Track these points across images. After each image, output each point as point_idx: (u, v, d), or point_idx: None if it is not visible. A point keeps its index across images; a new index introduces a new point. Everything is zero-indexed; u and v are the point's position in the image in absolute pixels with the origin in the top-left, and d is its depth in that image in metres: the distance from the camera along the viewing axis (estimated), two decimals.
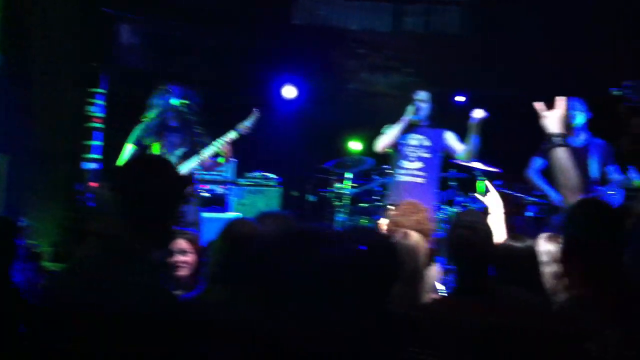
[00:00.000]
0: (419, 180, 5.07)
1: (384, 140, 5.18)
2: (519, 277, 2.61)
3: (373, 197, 6.70)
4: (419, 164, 5.10)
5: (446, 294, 3.23)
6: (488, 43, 7.31)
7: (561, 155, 2.46)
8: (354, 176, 6.87)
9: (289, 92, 7.98)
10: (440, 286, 5.28)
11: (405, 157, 5.12)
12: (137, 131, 4.81)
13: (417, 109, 5.13)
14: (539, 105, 2.66)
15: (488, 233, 2.48)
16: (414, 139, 5.15)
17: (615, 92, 4.12)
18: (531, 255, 2.66)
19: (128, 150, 4.76)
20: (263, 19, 7.18)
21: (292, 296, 1.51)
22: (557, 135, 2.52)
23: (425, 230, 2.92)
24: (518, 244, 2.68)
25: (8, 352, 2.43)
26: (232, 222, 1.78)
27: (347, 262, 1.60)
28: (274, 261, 1.55)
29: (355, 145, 7.97)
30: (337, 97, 7.99)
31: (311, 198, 7.38)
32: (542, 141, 3.37)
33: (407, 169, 5.11)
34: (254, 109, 4.88)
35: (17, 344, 2.45)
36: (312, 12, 7.44)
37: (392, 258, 1.78)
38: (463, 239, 2.44)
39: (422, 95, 5.19)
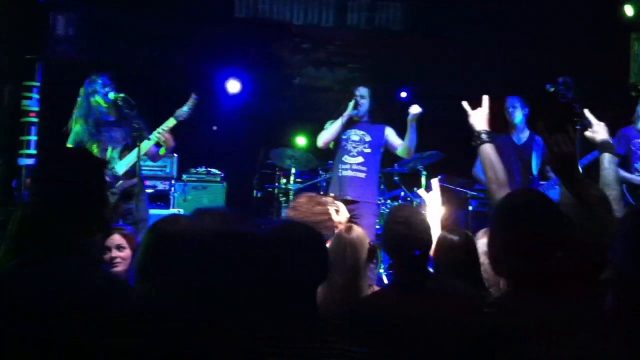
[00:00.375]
0: (360, 175, 5.11)
1: (326, 136, 5.20)
2: (456, 270, 2.65)
3: (319, 192, 6.70)
4: (360, 159, 5.13)
5: (385, 287, 3.25)
6: (431, 39, 7.40)
7: (488, 151, 2.51)
8: (299, 171, 6.86)
9: (233, 86, 7.90)
10: (385, 279, 5.33)
11: (347, 152, 5.15)
12: (74, 132, 4.66)
13: (358, 105, 5.16)
14: (465, 104, 2.71)
15: (423, 227, 2.51)
16: (356, 134, 5.18)
17: (550, 89, 4.23)
18: (468, 248, 2.70)
19: None
20: (205, 11, 7.07)
21: (219, 295, 1.49)
22: (483, 132, 2.56)
23: (317, 223, 2.88)
24: (455, 237, 2.72)
25: None
26: (161, 219, 1.74)
27: (275, 259, 1.59)
28: (202, 259, 1.52)
29: (300, 141, 7.96)
30: (281, 91, 7.95)
31: (257, 193, 7.34)
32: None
33: (348, 163, 5.14)
34: (192, 93, 4.78)
35: None
36: (255, 5, 7.39)
37: (321, 252, 1.77)
38: (398, 234, 2.46)
39: (362, 91, 5.22)
